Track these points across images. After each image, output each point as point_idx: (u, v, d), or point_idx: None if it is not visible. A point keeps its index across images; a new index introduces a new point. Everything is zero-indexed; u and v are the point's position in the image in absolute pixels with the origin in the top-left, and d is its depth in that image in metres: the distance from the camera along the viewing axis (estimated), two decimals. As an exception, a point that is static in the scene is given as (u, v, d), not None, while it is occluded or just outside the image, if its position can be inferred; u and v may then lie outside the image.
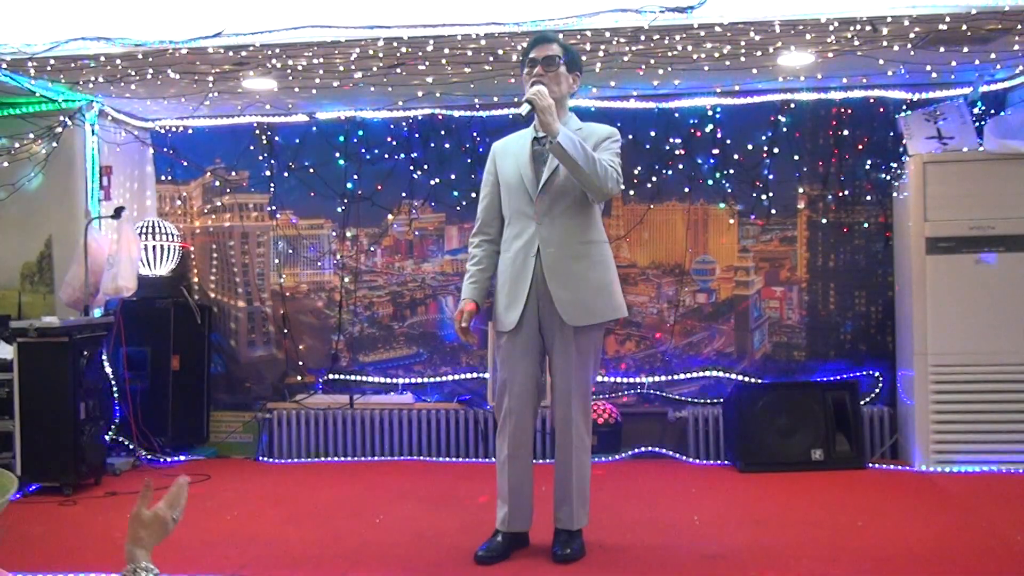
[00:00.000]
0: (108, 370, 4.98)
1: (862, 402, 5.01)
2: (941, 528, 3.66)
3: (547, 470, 3.56)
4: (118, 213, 5.05)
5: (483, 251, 3.49)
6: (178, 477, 1.96)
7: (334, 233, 5.66)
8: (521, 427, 3.36)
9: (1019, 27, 4.02)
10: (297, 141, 5.65)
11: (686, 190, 5.36)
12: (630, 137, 5.34)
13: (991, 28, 4.02)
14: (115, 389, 5.05)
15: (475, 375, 5.47)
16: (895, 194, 5.12)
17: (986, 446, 4.62)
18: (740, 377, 5.26)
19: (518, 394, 3.33)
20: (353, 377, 5.59)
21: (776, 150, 5.30)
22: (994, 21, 3.94)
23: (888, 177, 5.18)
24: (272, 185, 5.69)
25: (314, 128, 5.63)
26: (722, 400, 5.20)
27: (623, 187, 3.34)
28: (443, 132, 5.50)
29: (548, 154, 3.30)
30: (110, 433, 5.01)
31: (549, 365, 3.39)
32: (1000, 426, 4.62)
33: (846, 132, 5.23)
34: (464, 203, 5.45)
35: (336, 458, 5.33)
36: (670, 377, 5.34)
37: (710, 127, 5.31)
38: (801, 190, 5.31)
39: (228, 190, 5.74)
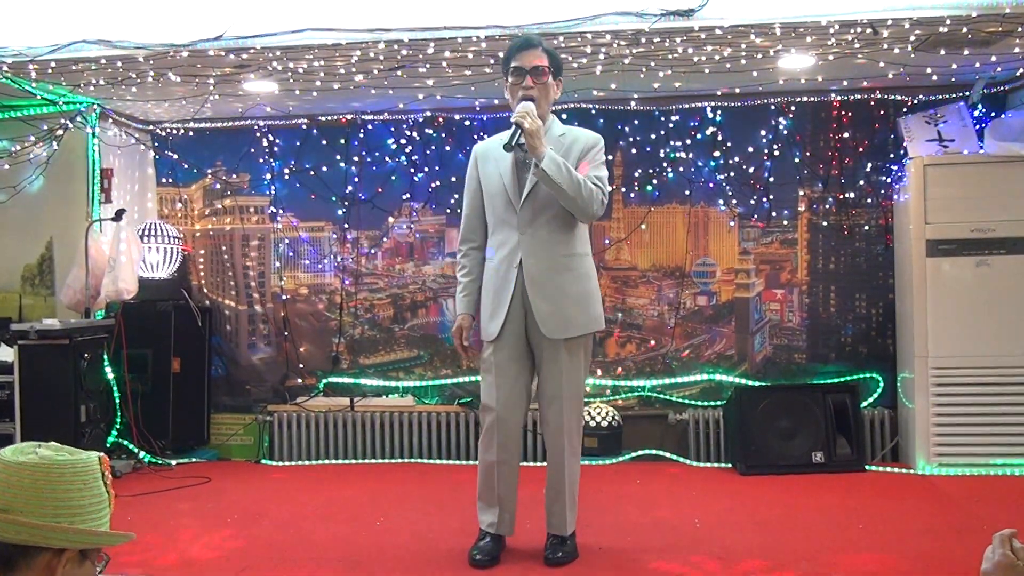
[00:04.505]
0: (109, 372, 4.98)
1: (863, 405, 5.01)
2: (941, 531, 3.66)
3: (531, 472, 3.55)
4: (119, 216, 5.05)
5: (471, 260, 3.45)
6: None
7: (335, 235, 5.66)
8: (510, 434, 3.34)
9: (1019, 30, 4.02)
10: (298, 143, 5.65)
11: (687, 192, 5.36)
12: (631, 140, 5.35)
13: (991, 31, 4.02)
14: (116, 391, 5.05)
15: (476, 378, 5.46)
16: (895, 196, 5.13)
17: (986, 449, 4.62)
18: (741, 380, 5.26)
19: (506, 401, 3.31)
20: (353, 379, 5.60)
21: (776, 152, 5.30)
22: (994, 24, 3.94)
23: (888, 179, 5.18)
24: (273, 188, 5.70)
25: (315, 131, 5.63)
26: (723, 402, 5.19)
27: (606, 198, 3.29)
28: (444, 134, 5.50)
29: (531, 161, 3.23)
30: (111, 435, 5.01)
31: (538, 372, 3.35)
32: (1000, 429, 4.61)
33: (846, 134, 5.24)
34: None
35: (336, 460, 5.32)
36: (671, 380, 5.35)
37: (711, 129, 5.31)
38: (801, 192, 5.31)
39: (229, 193, 5.74)
